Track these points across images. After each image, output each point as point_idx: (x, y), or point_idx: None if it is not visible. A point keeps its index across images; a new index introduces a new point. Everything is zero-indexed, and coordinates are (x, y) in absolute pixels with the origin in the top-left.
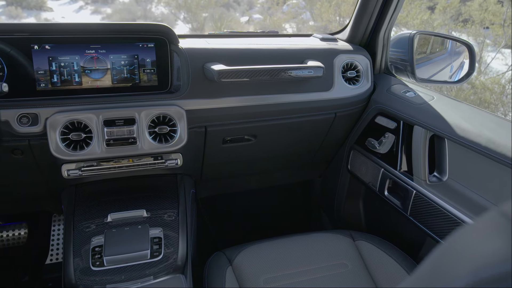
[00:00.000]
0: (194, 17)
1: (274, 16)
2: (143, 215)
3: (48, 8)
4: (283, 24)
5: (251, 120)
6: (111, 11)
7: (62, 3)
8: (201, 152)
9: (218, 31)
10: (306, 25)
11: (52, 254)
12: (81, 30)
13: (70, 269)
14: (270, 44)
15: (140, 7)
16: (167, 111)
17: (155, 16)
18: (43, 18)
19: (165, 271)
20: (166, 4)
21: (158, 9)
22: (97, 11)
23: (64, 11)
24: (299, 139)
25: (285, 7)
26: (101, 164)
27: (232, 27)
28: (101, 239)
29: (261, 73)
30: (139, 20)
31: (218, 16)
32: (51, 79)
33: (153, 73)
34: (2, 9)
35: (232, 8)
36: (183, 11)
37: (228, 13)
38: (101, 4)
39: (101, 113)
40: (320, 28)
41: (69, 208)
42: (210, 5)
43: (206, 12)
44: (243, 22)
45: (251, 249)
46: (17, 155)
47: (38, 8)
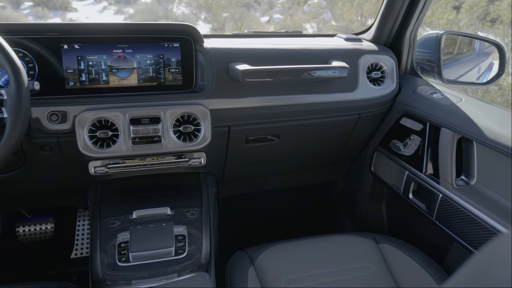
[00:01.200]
0: (214, 17)
1: (295, 16)
2: (167, 213)
3: (72, 8)
4: (304, 24)
5: (274, 120)
6: (134, 11)
7: (86, 3)
8: (224, 151)
9: (239, 31)
10: (327, 25)
11: (77, 249)
12: (109, 30)
13: (97, 264)
14: (294, 44)
15: (161, 7)
16: (192, 110)
17: (176, 16)
18: (68, 18)
19: (189, 269)
20: (187, 5)
21: (179, 9)
22: (120, 11)
23: (88, 12)
24: (322, 139)
25: (306, 7)
26: (126, 161)
27: (253, 27)
28: (127, 235)
29: (285, 73)
30: (161, 20)
31: (238, 16)
32: (79, 78)
33: (178, 73)
34: (30, 10)
35: (253, 8)
36: (204, 11)
37: (248, 13)
38: (124, 4)
39: (128, 111)
40: (341, 28)
41: (95, 204)
42: (231, 5)
43: (226, 12)
44: (264, 22)
45: (273, 249)
46: (46, 151)
47: (64, 8)
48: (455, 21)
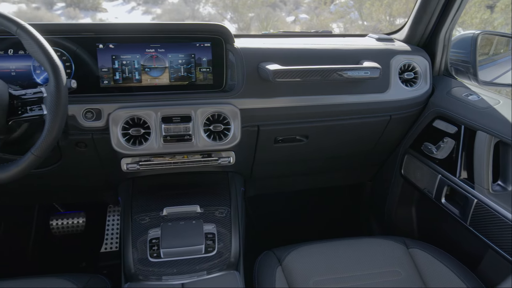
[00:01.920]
0: (240, 17)
1: (321, 16)
2: (197, 211)
3: (103, 9)
4: (330, 24)
5: (303, 120)
6: (161, 11)
7: (115, 4)
8: (253, 151)
9: (265, 31)
10: (354, 24)
11: (106, 243)
12: (142, 30)
13: (129, 258)
14: (324, 44)
15: (188, 8)
16: (222, 110)
17: (202, 16)
18: (98, 18)
19: (218, 267)
20: (214, 5)
21: (205, 9)
22: (148, 12)
23: (118, 12)
24: (352, 141)
25: (332, 6)
26: (157, 159)
27: (278, 27)
28: (158, 231)
29: (315, 73)
30: (188, 20)
31: (264, 16)
32: (113, 77)
33: (209, 72)
34: (62, 10)
35: (278, 8)
36: (230, 11)
37: (274, 13)
38: (151, 4)
39: (160, 110)
40: (369, 28)
41: (126, 200)
42: (257, 5)
43: (252, 12)
44: (289, 22)
45: (300, 250)
46: (81, 147)
47: (94, 9)
48: (489, 20)
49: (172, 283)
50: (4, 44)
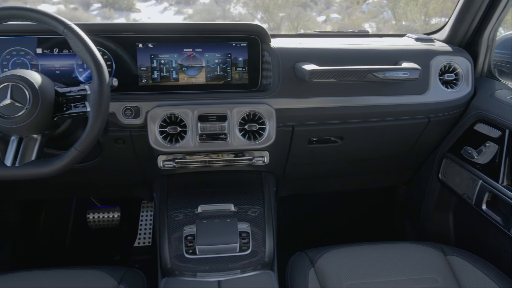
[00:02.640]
0: (270, 17)
1: (353, 16)
2: (231, 209)
3: (136, 9)
4: (363, 23)
5: (339, 121)
6: (192, 11)
7: (148, 4)
8: (286, 151)
9: (296, 31)
10: (387, 24)
11: (140, 238)
12: (180, 30)
13: (166, 254)
14: (362, 44)
15: (219, 8)
16: (257, 109)
17: (233, 16)
18: (132, 18)
19: (252, 266)
20: (244, 4)
21: (236, 9)
22: (180, 12)
23: (151, 12)
24: (387, 143)
25: (365, 6)
26: (193, 157)
27: (309, 26)
28: (193, 228)
29: (355, 74)
30: (218, 20)
31: (295, 15)
32: (151, 75)
33: (244, 72)
34: (98, 11)
35: (309, 8)
36: (260, 11)
37: (305, 13)
38: (183, 5)
39: (196, 108)
40: (402, 27)
41: (162, 197)
42: (288, 4)
43: (283, 12)
44: (320, 22)
45: (334, 252)
46: (119, 144)
47: (128, 9)
48: None
49: (209, 280)
50: (49, 44)
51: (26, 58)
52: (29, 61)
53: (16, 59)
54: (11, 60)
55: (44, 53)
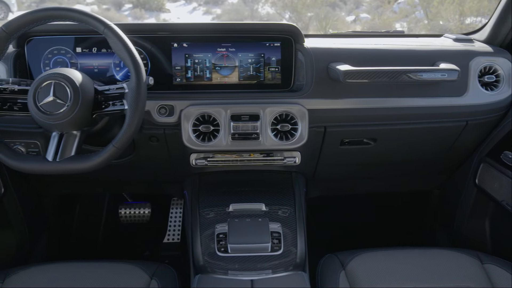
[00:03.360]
0: (299, 17)
1: (384, 15)
2: (262, 209)
3: (166, 9)
4: (393, 23)
5: (372, 123)
6: (221, 11)
7: (178, 4)
8: (318, 152)
9: (324, 31)
10: (419, 24)
11: (169, 234)
12: (215, 30)
13: (198, 251)
14: (397, 45)
15: (247, 8)
16: (290, 110)
17: (261, 16)
18: (161, 18)
19: (283, 266)
20: (272, 4)
21: (264, 9)
22: (208, 12)
23: (180, 12)
24: (422, 146)
25: (396, 5)
26: (224, 156)
27: (338, 26)
28: (225, 227)
29: (390, 75)
30: (246, 20)
31: (323, 15)
32: (185, 75)
33: (277, 72)
34: (129, 11)
35: (338, 7)
36: (288, 11)
37: (333, 13)
38: (212, 5)
39: (229, 108)
40: (435, 27)
41: (193, 195)
42: (316, 4)
43: (311, 11)
44: (349, 22)
45: (365, 256)
46: (153, 142)
47: (158, 9)
48: None
49: (241, 279)
50: (88, 43)
51: (66, 57)
52: (69, 59)
53: (57, 58)
54: (52, 59)
55: (83, 52)
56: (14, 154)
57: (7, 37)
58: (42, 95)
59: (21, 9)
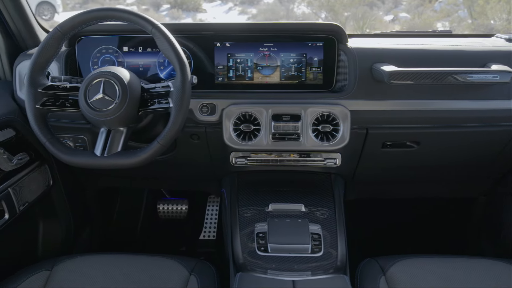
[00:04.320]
0: (335, 17)
1: (424, 15)
2: (301, 210)
3: (202, 9)
4: (434, 22)
5: (416, 125)
6: (256, 11)
7: (214, 5)
8: (358, 153)
9: (361, 31)
10: (462, 24)
11: (205, 231)
12: (257, 29)
13: (238, 249)
14: (445, 45)
15: (283, 7)
16: (332, 110)
17: (296, 15)
18: (198, 18)
19: (323, 269)
20: (308, 4)
21: (299, 9)
22: (244, 12)
23: (216, 12)
24: (468, 151)
25: (437, 4)
26: (264, 155)
27: (375, 26)
28: (265, 226)
29: (437, 76)
30: (282, 19)
31: (360, 15)
32: (227, 74)
33: (319, 72)
34: (167, 12)
35: (376, 7)
36: (324, 11)
37: (371, 12)
38: (247, 5)
39: (270, 107)
40: (480, 27)
41: (232, 193)
42: (353, 4)
43: (348, 11)
44: (388, 21)
45: (407, 262)
46: (194, 139)
47: (195, 10)
48: None
49: (283, 279)
50: (134, 42)
51: (113, 55)
52: (116, 58)
53: (105, 57)
54: (100, 58)
55: (129, 51)
56: (65, 149)
57: (62, 36)
58: (92, 92)
59: (66, 10)
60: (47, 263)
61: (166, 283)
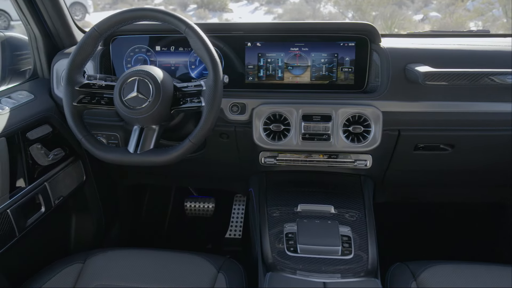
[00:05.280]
0: (362, 16)
1: (456, 14)
2: (331, 211)
3: (228, 9)
4: (467, 22)
5: (451, 128)
6: (282, 11)
7: (240, 4)
8: (389, 156)
9: (389, 31)
10: (496, 23)
11: (231, 230)
12: (289, 29)
13: (267, 249)
14: (483, 45)
15: (309, 7)
16: (364, 111)
17: (323, 15)
18: (224, 18)
19: (354, 272)
20: (335, 3)
21: (326, 8)
22: (270, 12)
23: (242, 12)
24: (505, 155)
25: (469, 3)
26: (293, 155)
27: (404, 26)
28: (294, 226)
29: (473, 77)
30: (308, 19)
31: (389, 14)
32: (257, 74)
33: (351, 72)
34: (194, 11)
35: (405, 6)
36: (352, 10)
37: (399, 11)
38: (273, 5)
39: (301, 107)
40: None
41: (261, 193)
42: (382, 3)
43: (376, 10)
44: (417, 21)
45: (439, 268)
46: (223, 138)
47: (221, 10)
48: None
49: (314, 280)
50: (167, 42)
51: (146, 55)
52: (149, 57)
53: (138, 56)
54: (134, 57)
55: (162, 51)
56: (100, 145)
57: (98, 36)
58: (127, 91)
59: (96, 10)
60: (80, 255)
61: (194, 279)
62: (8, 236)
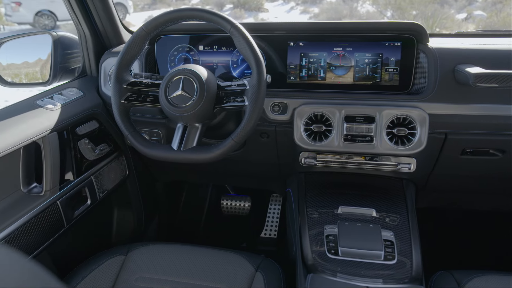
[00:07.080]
0: (402, 15)
1: (503, 12)
2: (372, 215)
3: (264, 9)
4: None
5: (502, 132)
6: (318, 10)
7: (276, 4)
8: (434, 160)
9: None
10: None
11: (266, 229)
12: (332, 29)
13: (308, 250)
14: None
15: (346, 6)
16: (409, 113)
17: (360, 14)
18: (259, 18)
19: (396, 278)
20: (373, 2)
21: (363, 7)
22: (306, 11)
23: (278, 12)
24: None
25: None
26: (334, 157)
27: (446, 25)
28: (335, 229)
29: None
30: (345, 18)
31: (430, 13)
32: (299, 73)
33: (395, 73)
34: (230, 11)
35: (447, 4)
36: (390, 9)
37: (441, 10)
38: (309, 4)
39: (343, 108)
40: None
41: (300, 193)
42: (422, 1)
43: (416, 9)
44: (460, 20)
45: (484, 278)
46: (263, 138)
47: (257, 9)
48: None
49: (357, 284)
50: (210, 41)
51: (189, 54)
52: (192, 56)
53: (182, 55)
54: (177, 56)
55: (205, 50)
56: (145, 142)
57: (146, 35)
58: (172, 89)
59: (136, 11)
60: (122, 248)
61: (233, 277)
62: (57, 226)
